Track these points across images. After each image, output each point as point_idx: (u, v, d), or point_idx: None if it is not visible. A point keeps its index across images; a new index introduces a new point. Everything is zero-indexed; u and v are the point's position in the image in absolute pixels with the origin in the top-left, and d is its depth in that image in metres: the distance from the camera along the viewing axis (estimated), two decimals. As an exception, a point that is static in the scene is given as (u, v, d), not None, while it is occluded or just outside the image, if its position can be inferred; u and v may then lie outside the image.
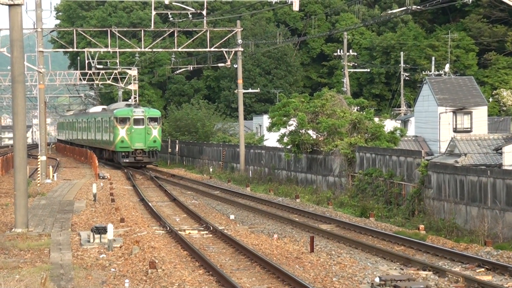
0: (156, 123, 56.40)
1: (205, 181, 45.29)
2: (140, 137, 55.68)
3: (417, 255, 21.28)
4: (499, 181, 26.39)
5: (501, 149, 39.22)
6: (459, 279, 17.56)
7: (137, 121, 55.88)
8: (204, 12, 47.80)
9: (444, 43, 79.42)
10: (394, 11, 46.66)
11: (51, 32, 57.51)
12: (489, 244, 22.03)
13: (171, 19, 52.51)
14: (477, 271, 18.90)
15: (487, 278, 18.03)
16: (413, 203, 31.33)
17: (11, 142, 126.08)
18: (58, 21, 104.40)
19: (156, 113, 57.76)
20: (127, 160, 55.75)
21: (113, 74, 73.52)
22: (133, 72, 71.36)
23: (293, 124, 42.88)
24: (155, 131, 56.09)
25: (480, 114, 55.02)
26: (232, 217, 29.28)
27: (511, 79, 77.51)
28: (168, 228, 25.95)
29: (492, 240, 23.12)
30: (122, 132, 55.77)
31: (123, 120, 56.04)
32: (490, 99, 72.79)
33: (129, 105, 58.25)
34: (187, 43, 57.55)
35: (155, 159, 57.23)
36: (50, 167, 48.39)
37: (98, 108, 73.63)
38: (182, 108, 72.95)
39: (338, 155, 38.65)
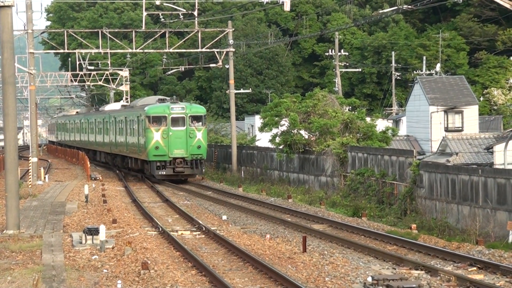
0: (201, 123, 43.81)
1: (197, 182, 45.29)
2: (181, 142, 43.03)
3: (409, 255, 21.32)
4: (490, 180, 26.47)
5: (492, 148, 39.33)
6: (451, 278, 17.59)
7: (176, 121, 43.34)
8: (195, 13, 47.80)
9: (435, 42, 79.59)
10: (385, 10, 46.76)
11: (41, 33, 57.48)
12: (481, 243, 22.09)
13: (162, 19, 52.57)
14: (469, 270, 18.94)
15: (479, 277, 18.07)
16: (405, 203, 31.39)
17: (1, 143, 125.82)
18: (48, 23, 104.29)
19: (201, 110, 44.98)
20: (164, 173, 42.91)
21: (104, 75, 73.48)
22: (125, 73, 71.31)
23: (285, 124, 42.92)
24: (200, 134, 43.36)
25: (471, 113, 55.15)
26: (224, 217, 29.27)
27: (501, 78, 77.72)
28: (160, 229, 25.92)
29: (483, 239, 23.18)
30: (156, 135, 42.85)
31: (157, 120, 43.45)
32: (481, 98, 72.97)
33: (162, 100, 45.65)
34: (178, 44, 57.50)
35: (199, 170, 43.81)
36: (42, 169, 48.29)
37: (116, 105, 61.46)
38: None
39: (330, 155, 38.69)
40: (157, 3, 45.15)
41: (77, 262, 19.97)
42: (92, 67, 71.64)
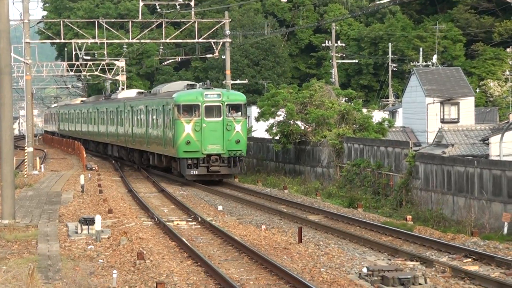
0: (240, 113, 37.18)
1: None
2: (216, 136, 36.62)
3: (405, 246, 21.36)
4: (485, 171, 26.51)
5: (488, 139, 39.36)
6: (446, 269, 17.64)
7: (210, 110, 36.82)
8: (192, 3, 47.69)
9: (432, 34, 79.55)
10: (382, 2, 46.70)
11: (38, 23, 57.29)
12: (476, 234, 22.14)
13: (159, 10, 52.37)
14: (464, 261, 18.99)
15: (474, 268, 18.12)
16: (401, 194, 31.44)
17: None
18: (45, 12, 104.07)
19: (240, 97, 37.99)
20: (196, 172, 36.54)
21: (100, 66, 73.36)
22: (121, 63, 71.19)
23: (281, 114, 42.91)
24: (239, 126, 36.82)
25: (467, 104, 55.18)
26: (220, 208, 29.29)
27: (498, 70, 77.73)
28: (156, 219, 25.94)
29: (478, 231, 23.24)
30: (187, 128, 36.46)
31: (189, 109, 36.97)
32: (477, 90, 73.02)
33: (192, 86, 39.04)
34: (175, 34, 57.39)
35: (238, 169, 37.28)
36: (37, 158, 48.24)
37: (130, 93, 54.32)
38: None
39: (326, 146, 38.70)
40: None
41: (72, 252, 19.98)
42: (88, 57, 71.43)
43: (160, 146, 39.92)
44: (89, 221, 22.28)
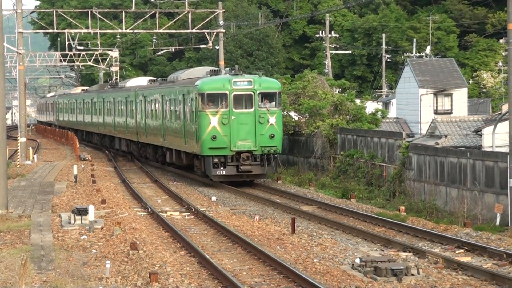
0: (274, 102, 32.34)
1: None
2: (247, 130, 31.80)
3: (398, 237, 21.41)
4: (478, 162, 26.57)
5: (480, 130, 39.44)
6: (438, 260, 17.69)
7: (239, 100, 31.97)
8: (186, -7, 47.56)
9: (425, 25, 79.53)
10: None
11: (31, 13, 57.13)
12: (469, 225, 22.20)
13: (152, 0, 52.21)
14: (457, 252, 19.05)
15: (466, 259, 18.18)
16: (394, 185, 31.50)
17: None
18: (38, 2, 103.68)
19: (274, 84, 33.06)
20: (223, 172, 31.73)
21: (94, 56, 73.16)
22: (114, 53, 71.04)
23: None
24: (273, 119, 31.97)
25: (461, 96, 55.27)
26: (213, 198, 29.30)
27: (491, 61, 77.79)
28: (149, 210, 25.94)
29: (471, 222, 23.31)
30: (213, 120, 31.68)
31: (215, 99, 32.03)
32: (470, 81, 73.08)
33: (215, 72, 34.10)
34: (168, 25, 57.29)
35: (272, 168, 32.19)
36: (30, 149, 48.16)
37: (141, 81, 48.80)
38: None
39: (319, 136, 38.72)
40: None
41: (66, 242, 19.98)
42: (82, 47, 71.24)
43: (180, 141, 34.99)
44: (82, 211, 22.28)
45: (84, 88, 73.71)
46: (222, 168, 31.74)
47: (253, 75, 33.76)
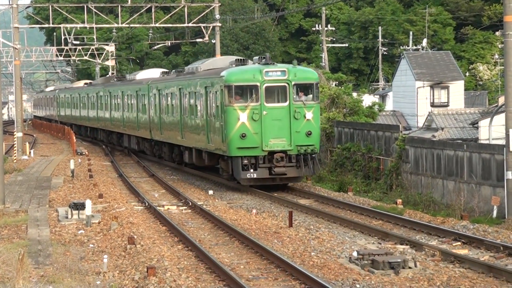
0: (311, 95, 28.57)
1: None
2: (281, 127, 28.09)
3: (395, 229, 21.43)
4: (475, 155, 26.61)
5: (477, 123, 39.47)
6: (435, 252, 17.71)
7: (272, 93, 28.25)
8: (182, -13, 47.50)
9: (421, 17, 79.52)
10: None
11: (26, 8, 57.05)
12: (465, 218, 22.23)
13: (148, -6, 52.12)
14: (454, 244, 19.07)
15: (463, 251, 18.20)
16: (391, 178, 31.53)
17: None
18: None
19: (311, 75, 29.12)
20: (254, 175, 28.00)
21: (90, 50, 73.07)
22: (111, 48, 70.96)
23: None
24: (310, 114, 28.26)
25: (457, 88, 55.30)
26: (210, 192, 29.30)
27: (487, 53, 77.83)
28: (146, 204, 25.94)
29: (468, 214, 23.33)
30: (242, 116, 27.92)
31: (243, 92, 28.29)
32: (467, 74, 73.12)
33: (241, 61, 30.00)
34: (164, 19, 57.19)
35: (310, 170, 28.39)
36: (27, 143, 48.12)
37: (152, 73, 44.67)
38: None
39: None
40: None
41: (63, 236, 19.98)
42: (78, 42, 71.12)
43: (202, 140, 31.37)
44: (80, 206, 22.28)
45: (87, 81, 69.80)
46: (252, 170, 27.99)
47: (286, 64, 29.84)
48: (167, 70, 42.24)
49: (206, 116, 30.68)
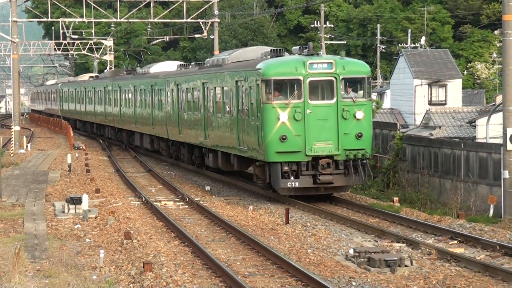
0: (362, 91, 24.91)
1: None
2: (327, 128, 24.42)
3: (391, 227, 21.44)
4: (472, 154, 26.64)
5: (474, 122, 39.52)
6: (432, 251, 17.74)
7: (316, 88, 24.63)
8: (181, -18, 47.45)
9: (420, 15, 79.53)
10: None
11: (25, 1, 56.86)
12: (462, 216, 22.26)
13: (147, -11, 52.04)
14: (450, 243, 19.09)
15: (459, 250, 18.22)
16: (388, 176, 31.55)
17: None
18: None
19: (362, 68, 25.28)
20: (296, 184, 24.14)
21: (88, 45, 73.01)
22: (109, 42, 70.92)
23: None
24: (360, 113, 24.58)
25: (455, 87, 55.33)
26: (207, 188, 29.29)
27: (485, 52, 77.88)
28: (143, 199, 25.94)
29: (464, 213, 23.37)
30: (283, 116, 24.19)
31: (283, 87, 24.62)
32: (465, 72, 73.17)
33: (277, 51, 26.31)
34: (163, 14, 57.13)
35: (360, 178, 24.62)
36: (24, 137, 48.08)
37: (168, 66, 41.13)
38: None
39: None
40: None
41: (59, 231, 19.98)
42: (76, 36, 71.04)
43: (231, 141, 27.78)
44: (76, 201, 22.27)
45: (93, 75, 67.29)
46: (294, 179, 24.14)
47: (332, 55, 26.51)
48: (184, 63, 38.80)
49: (236, 114, 26.85)
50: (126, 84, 44.95)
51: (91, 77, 64.23)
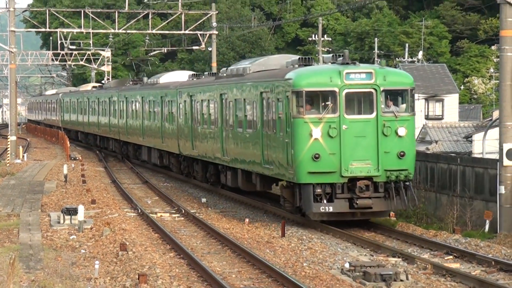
0: (405, 105, 22.51)
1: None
2: (365, 146, 22.09)
3: (387, 242, 21.42)
4: (468, 169, 26.65)
5: (471, 137, 39.57)
6: (427, 266, 17.72)
7: (353, 101, 22.37)
8: (179, -6, 47.57)
9: (418, 30, 79.76)
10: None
11: (23, 11, 57.01)
12: (458, 231, 22.24)
13: (145, 0, 52.21)
14: (446, 258, 19.08)
15: (455, 265, 18.21)
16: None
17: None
18: (30, 1, 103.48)
19: (404, 78, 22.92)
20: (330, 209, 21.84)
21: (86, 55, 73.09)
22: (107, 53, 71.00)
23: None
24: (403, 129, 22.14)
25: (452, 101, 55.46)
26: (204, 200, 29.27)
27: (482, 67, 78.06)
28: (139, 211, 25.90)
29: (460, 228, 23.35)
30: (316, 132, 21.86)
31: (315, 100, 22.30)
32: (462, 87, 73.33)
33: (305, 60, 24.04)
34: (161, 25, 57.28)
35: (403, 202, 22.07)
36: (20, 147, 48.05)
37: (178, 75, 39.22)
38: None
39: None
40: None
41: (54, 241, 19.93)
42: (74, 47, 71.15)
43: (253, 159, 25.32)
44: (72, 211, 22.23)
45: (96, 84, 64.84)
46: (327, 202, 21.83)
47: (371, 64, 23.91)
48: (197, 73, 36.04)
49: (261, 129, 24.47)
50: (133, 95, 42.61)
51: (94, 87, 62.12)
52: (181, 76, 38.21)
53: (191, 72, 37.36)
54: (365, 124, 21.98)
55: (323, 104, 21.96)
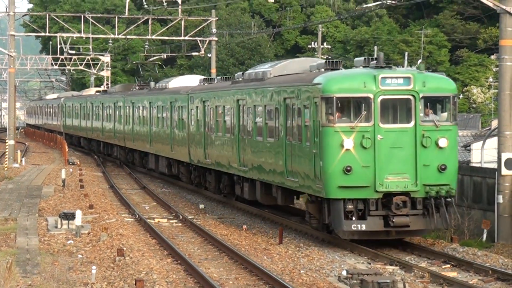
0: (446, 114, 20.61)
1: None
2: (402, 158, 20.08)
3: (385, 250, 21.40)
4: (466, 178, 26.65)
5: (469, 146, 39.54)
6: (425, 274, 17.71)
7: (389, 109, 20.43)
8: (179, 0, 47.65)
9: (417, 38, 79.89)
10: (369, 5, 46.88)
11: (23, 16, 57.02)
12: (455, 240, 22.23)
13: (145, 6, 52.29)
14: (443, 267, 19.06)
15: (452, 274, 18.20)
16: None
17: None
18: (30, 5, 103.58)
19: (446, 84, 20.91)
20: (363, 227, 19.85)
21: (85, 60, 73.14)
22: (106, 58, 71.04)
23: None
24: (444, 140, 20.18)
25: (451, 110, 55.35)
26: (201, 206, 29.24)
27: (481, 76, 78.17)
28: (137, 216, 25.88)
29: (458, 237, 23.33)
30: (347, 142, 19.79)
31: (347, 107, 20.42)
32: (461, 96, 73.40)
33: (332, 64, 22.30)
34: (161, 31, 57.28)
35: (444, 220, 20.01)
36: (18, 152, 48.02)
37: (189, 80, 37.23)
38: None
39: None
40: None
41: (52, 246, 19.92)
42: (73, 52, 71.17)
43: (275, 170, 23.43)
44: (70, 216, 22.22)
45: (100, 89, 62.97)
46: (360, 220, 19.93)
47: (410, 68, 22.49)
48: (208, 78, 34.61)
49: (284, 138, 22.60)
50: (140, 100, 40.60)
51: (98, 91, 60.48)
52: (191, 80, 36.52)
53: (201, 77, 35.80)
54: (402, 134, 20.05)
55: (356, 112, 20.04)
